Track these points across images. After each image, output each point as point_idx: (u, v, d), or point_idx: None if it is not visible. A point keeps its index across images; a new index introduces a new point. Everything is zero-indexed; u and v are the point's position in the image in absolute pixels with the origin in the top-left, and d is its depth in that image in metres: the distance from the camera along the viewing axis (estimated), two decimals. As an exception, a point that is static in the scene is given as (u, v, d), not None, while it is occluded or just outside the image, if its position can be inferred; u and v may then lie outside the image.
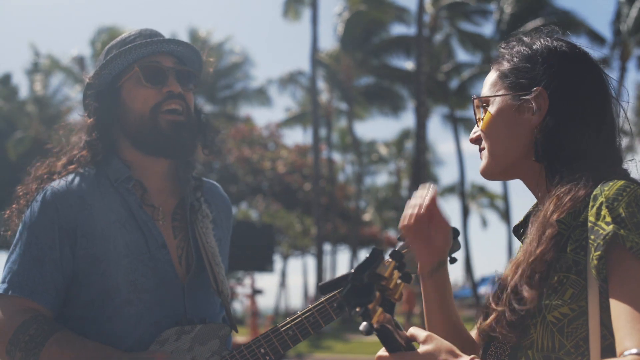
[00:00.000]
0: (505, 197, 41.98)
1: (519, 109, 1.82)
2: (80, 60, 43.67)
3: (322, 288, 1.56)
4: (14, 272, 2.44)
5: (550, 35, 1.90)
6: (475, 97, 1.95)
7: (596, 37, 36.29)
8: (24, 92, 46.32)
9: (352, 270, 1.48)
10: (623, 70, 36.56)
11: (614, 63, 36.70)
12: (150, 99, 2.56)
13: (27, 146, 41.28)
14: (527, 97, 1.80)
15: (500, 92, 1.87)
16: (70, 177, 2.58)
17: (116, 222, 2.49)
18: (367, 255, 1.52)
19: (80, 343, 2.37)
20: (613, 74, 1.96)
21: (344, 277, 1.50)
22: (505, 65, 1.89)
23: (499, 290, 1.74)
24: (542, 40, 1.88)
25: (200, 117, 2.74)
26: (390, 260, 1.57)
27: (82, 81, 2.71)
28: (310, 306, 2.53)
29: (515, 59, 1.87)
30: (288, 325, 2.51)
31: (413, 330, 1.68)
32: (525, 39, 1.91)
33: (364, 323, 1.47)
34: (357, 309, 1.45)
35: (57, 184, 2.54)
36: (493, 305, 1.74)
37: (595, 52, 1.87)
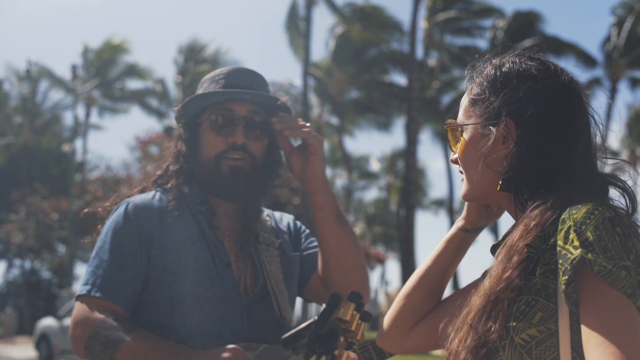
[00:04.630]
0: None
1: (489, 138, 1.80)
2: (73, 70, 43.61)
3: (285, 341, 1.58)
4: (97, 275, 2.62)
5: (523, 55, 1.87)
6: (447, 125, 1.96)
7: (587, 59, 36.58)
8: (13, 99, 46.24)
9: (315, 318, 1.50)
10: (614, 91, 36.80)
11: (605, 84, 36.98)
12: (216, 147, 2.75)
13: (14, 151, 41.26)
14: (495, 127, 1.79)
15: (471, 121, 1.86)
16: (151, 194, 2.81)
17: (188, 238, 2.68)
18: (327, 301, 1.54)
19: (160, 339, 2.53)
20: (604, 95, 1.90)
21: (307, 327, 1.52)
22: (475, 90, 1.88)
23: (463, 318, 1.75)
24: (511, 62, 1.85)
25: (272, 162, 2.90)
26: (350, 302, 1.59)
27: (73, 90, 2.82)
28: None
29: (484, 84, 1.85)
30: None
31: None
32: (494, 60, 1.89)
33: None
34: (324, 358, 1.48)
35: (139, 198, 2.78)
36: (454, 336, 1.75)
37: (584, 72, 1.85)
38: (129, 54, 45.41)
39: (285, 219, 3.07)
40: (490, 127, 1.80)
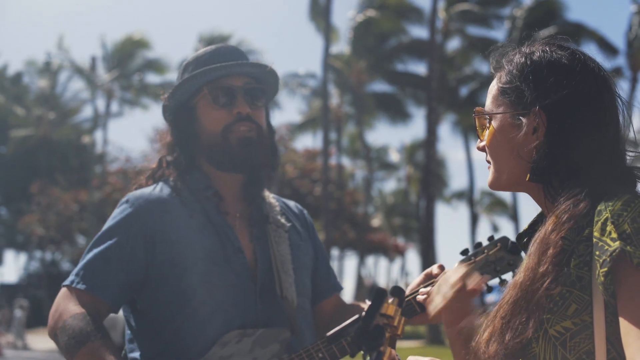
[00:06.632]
0: (514, 207, 41.94)
1: (519, 128, 1.78)
2: (92, 61, 43.81)
3: (330, 337, 1.60)
4: (83, 267, 2.64)
5: (553, 44, 1.85)
6: (475, 113, 1.94)
7: (609, 47, 36.25)
8: (33, 91, 46.56)
9: (363, 314, 1.52)
10: (634, 81, 36.49)
11: (626, 74, 36.69)
12: (221, 120, 2.73)
13: (33, 143, 41.51)
14: (525, 117, 1.77)
15: (500, 110, 1.84)
16: (150, 187, 2.78)
17: (194, 227, 2.66)
18: (372, 297, 1.56)
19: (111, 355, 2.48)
20: (624, 85, 1.87)
21: (352, 323, 1.55)
22: (504, 79, 1.85)
23: (494, 312, 1.74)
24: (541, 51, 1.83)
25: (272, 132, 2.91)
26: (392, 297, 1.61)
27: (93, 81, 2.82)
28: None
29: (514, 72, 1.83)
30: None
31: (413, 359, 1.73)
32: (524, 49, 1.87)
33: None
34: (372, 354, 1.50)
35: (140, 192, 2.75)
36: (486, 328, 1.74)
37: (606, 61, 1.82)
38: (150, 49, 45.48)
39: (292, 205, 3.07)
40: (521, 117, 1.79)
